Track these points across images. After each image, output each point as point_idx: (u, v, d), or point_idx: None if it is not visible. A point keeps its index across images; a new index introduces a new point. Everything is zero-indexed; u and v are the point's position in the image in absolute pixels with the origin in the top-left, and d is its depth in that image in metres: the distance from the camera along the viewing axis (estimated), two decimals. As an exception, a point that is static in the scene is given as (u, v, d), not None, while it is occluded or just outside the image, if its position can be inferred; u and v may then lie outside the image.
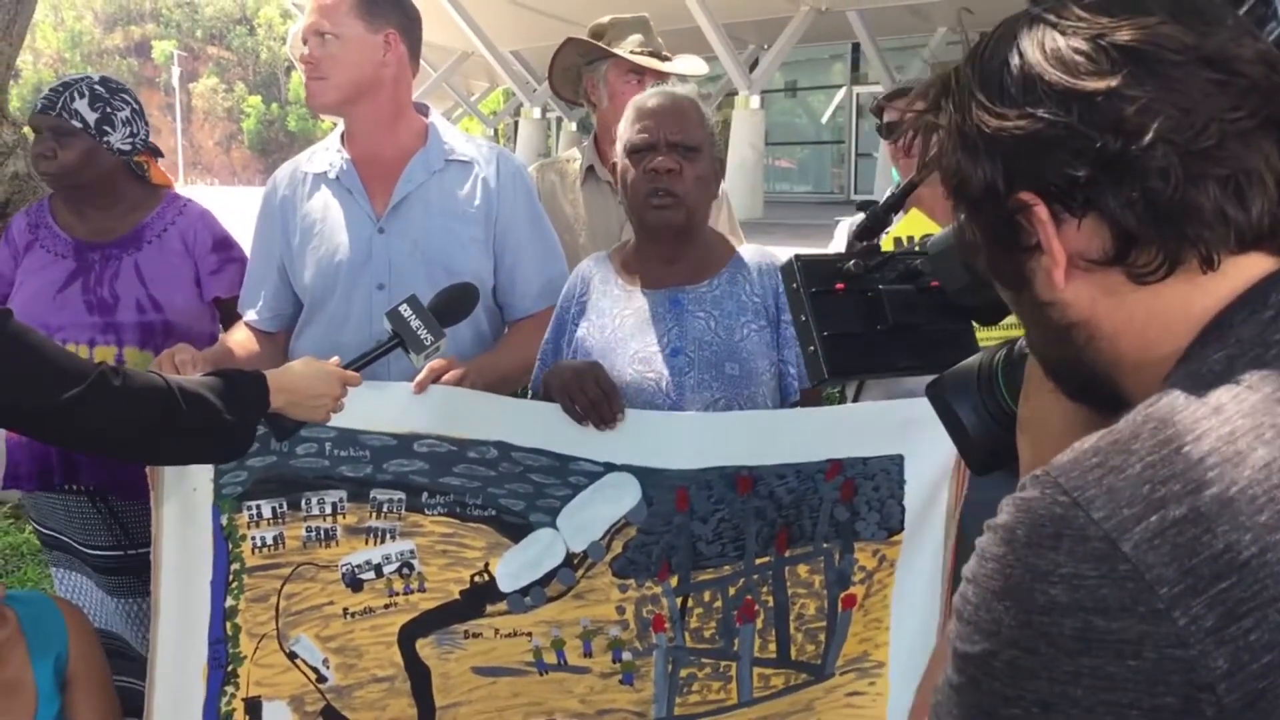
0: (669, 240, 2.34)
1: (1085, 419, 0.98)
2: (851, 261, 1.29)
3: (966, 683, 0.80)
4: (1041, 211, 0.86)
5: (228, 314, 2.93)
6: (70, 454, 2.75)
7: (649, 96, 2.37)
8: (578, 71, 3.27)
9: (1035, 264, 0.90)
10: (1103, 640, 0.73)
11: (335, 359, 2.18)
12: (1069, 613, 0.74)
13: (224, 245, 2.96)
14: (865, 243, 1.33)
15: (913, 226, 2.84)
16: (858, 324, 1.28)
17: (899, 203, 1.36)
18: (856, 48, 23.54)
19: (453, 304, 2.28)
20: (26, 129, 4.06)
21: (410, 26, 2.59)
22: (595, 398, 2.18)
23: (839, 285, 1.28)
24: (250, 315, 2.69)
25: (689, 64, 3.28)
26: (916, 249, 1.35)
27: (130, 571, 2.80)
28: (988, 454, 1.21)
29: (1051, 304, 0.90)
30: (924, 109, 0.95)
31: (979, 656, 0.79)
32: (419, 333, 2.17)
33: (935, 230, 2.81)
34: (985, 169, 0.88)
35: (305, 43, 2.51)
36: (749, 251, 2.46)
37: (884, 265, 1.29)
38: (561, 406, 2.22)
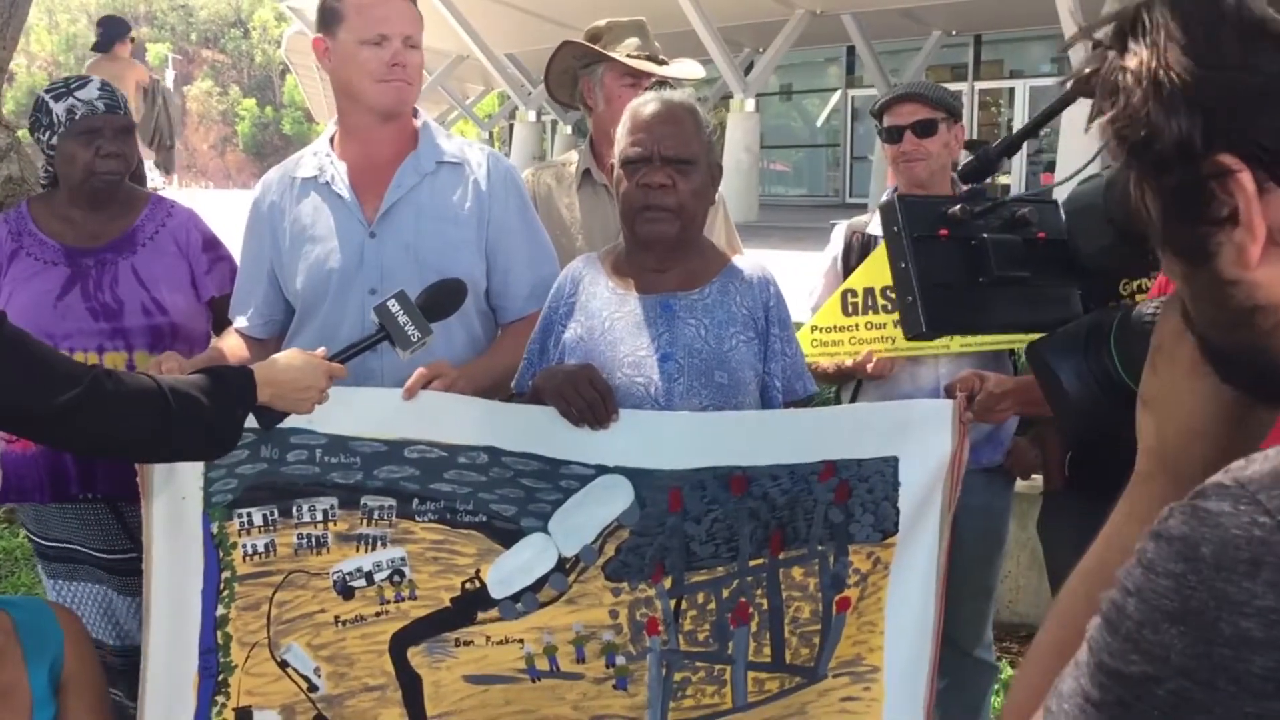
0: (661, 251, 2.33)
1: (1225, 403, 0.90)
2: (958, 206, 1.21)
3: (1113, 703, 0.72)
4: (1245, 179, 0.74)
5: (219, 313, 2.92)
6: (87, 462, 2.74)
7: (645, 103, 2.35)
8: (574, 75, 3.25)
9: (1224, 238, 0.78)
10: None
11: (321, 350, 2.17)
12: (1262, 650, 0.65)
13: (212, 244, 2.96)
14: (972, 186, 1.25)
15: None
16: (959, 274, 1.20)
17: (1016, 145, 1.25)
18: (851, 51, 23.52)
19: (441, 300, 2.27)
20: (22, 132, 4.01)
21: None
22: (591, 399, 2.18)
23: (942, 231, 1.20)
24: (241, 322, 2.68)
25: (685, 68, 3.26)
26: (1026, 196, 1.25)
27: (139, 572, 2.79)
28: (1085, 419, 1.16)
29: (1237, 283, 0.79)
30: (1108, 46, 0.81)
31: (1137, 679, 0.70)
32: (406, 329, 2.16)
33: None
34: (1181, 124, 0.75)
35: (381, 41, 2.48)
36: (742, 262, 2.45)
37: (988, 212, 1.21)
38: (557, 409, 2.21)
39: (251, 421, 2.05)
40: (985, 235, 1.20)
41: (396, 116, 2.57)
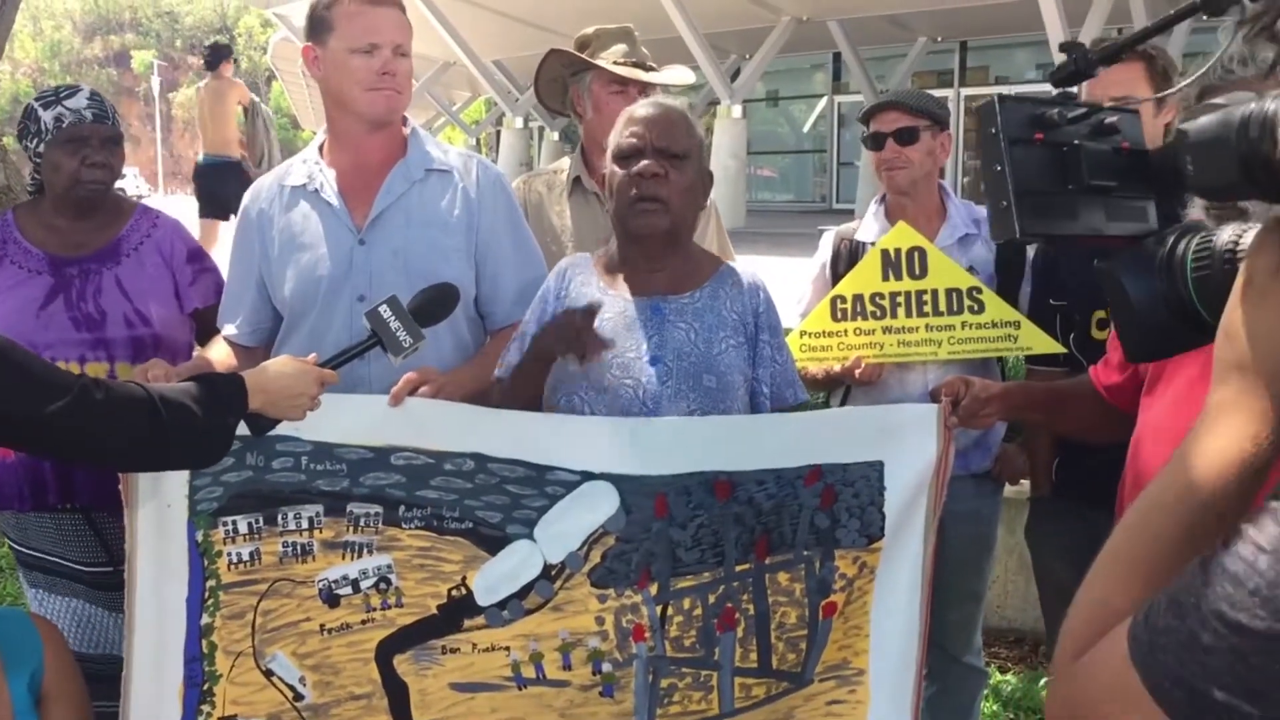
0: (653, 247, 2.33)
1: None
2: (1054, 110, 1.19)
3: (1226, 650, 0.74)
4: None
5: (203, 325, 2.91)
6: (66, 472, 2.72)
7: (639, 106, 2.39)
8: (563, 83, 3.26)
9: None
10: None
11: (313, 356, 2.16)
12: None
13: (197, 256, 2.95)
14: (1064, 90, 1.22)
15: (899, 238, 2.84)
16: (1050, 181, 1.19)
17: (1116, 54, 1.23)
18: (838, 57, 23.61)
19: (432, 305, 2.27)
20: (9, 139, 3.98)
21: None
22: (579, 325, 2.18)
23: (1037, 135, 1.19)
24: (229, 330, 2.67)
25: (676, 74, 3.27)
26: (1109, 104, 1.24)
27: (118, 587, 2.77)
28: (1151, 341, 1.16)
29: None
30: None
31: (1262, 635, 0.72)
32: (398, 334, 2.16)
33: (921, 243, 2.82)
34: None
35: (372, 50, 2.48)
36: (732, 266, 2.46)
37: (1081, 119, 1.20)
38: (558, 352, 2.22)
39: (243, 429, 2.04)
40: (1078, 142, 1.19)
41: (386, 125, 2.57)
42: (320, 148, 2.65)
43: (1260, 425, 0.89)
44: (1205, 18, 1.11)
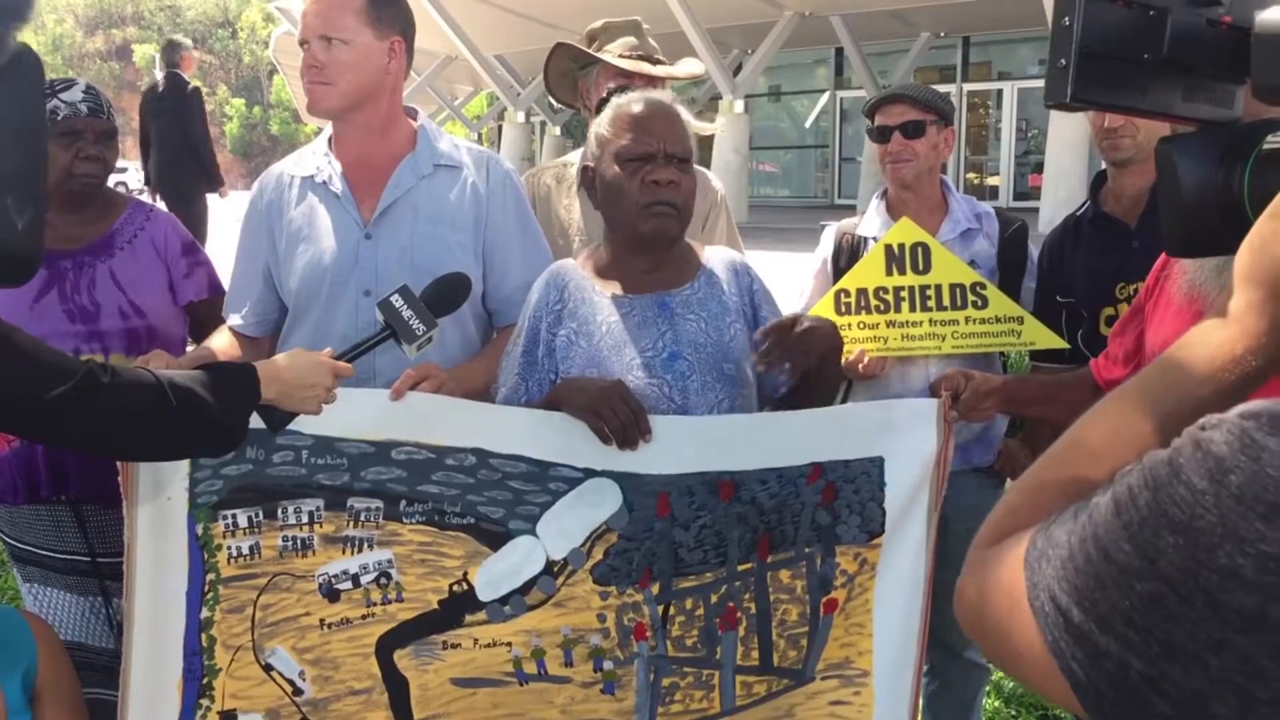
0: (659, 250, 2.32)
1: None
2: None
3: (1091, 575, 0.74)
4: None
5: (196, 318, 2.90)
6: (59, 463, 2.71)
7: (634, 102, 2.33)
8: (573, 76, 3.25)
9: None
10: (1274, 631, 0.65)
11: (328, 350, 2.15)
12: (1247, 590, 0.66)
13: (191, 249, 2.95)
14: None
15: (903, 234, 2.83)
16: (1124, 45, 1.07)
17: None
18: (840, 52, 23.61)
19: (445, 293, 2.25)
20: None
21: (411, 34, 2.59)
22: (626, 419, 2.14)
23: None
24: (235, 320, 2.66)
25: (686, 66, 3.26)
26: None
27: (99, 577, 2.76)
28: (1190, 232, 1.11)
29: None
30: None
31: (1120, 566, 0.72)
32: (411, 323, 2.14)
33: (924, 238, 2.81)
34: None
35: (303, 45, 2.47)
36: (714, 252, 2.45)
37: None
38: (589, 426, 2.17)
39: (258, 423, 2.02)
40: (1169, 8, 1.07)
41: (339, 118, 2.56)
42: (330, 140, 2.64)
43: (1254, 340, 0.90)
44: None
